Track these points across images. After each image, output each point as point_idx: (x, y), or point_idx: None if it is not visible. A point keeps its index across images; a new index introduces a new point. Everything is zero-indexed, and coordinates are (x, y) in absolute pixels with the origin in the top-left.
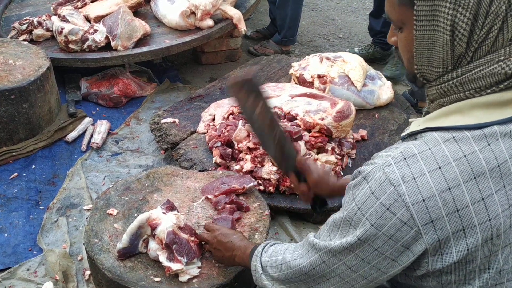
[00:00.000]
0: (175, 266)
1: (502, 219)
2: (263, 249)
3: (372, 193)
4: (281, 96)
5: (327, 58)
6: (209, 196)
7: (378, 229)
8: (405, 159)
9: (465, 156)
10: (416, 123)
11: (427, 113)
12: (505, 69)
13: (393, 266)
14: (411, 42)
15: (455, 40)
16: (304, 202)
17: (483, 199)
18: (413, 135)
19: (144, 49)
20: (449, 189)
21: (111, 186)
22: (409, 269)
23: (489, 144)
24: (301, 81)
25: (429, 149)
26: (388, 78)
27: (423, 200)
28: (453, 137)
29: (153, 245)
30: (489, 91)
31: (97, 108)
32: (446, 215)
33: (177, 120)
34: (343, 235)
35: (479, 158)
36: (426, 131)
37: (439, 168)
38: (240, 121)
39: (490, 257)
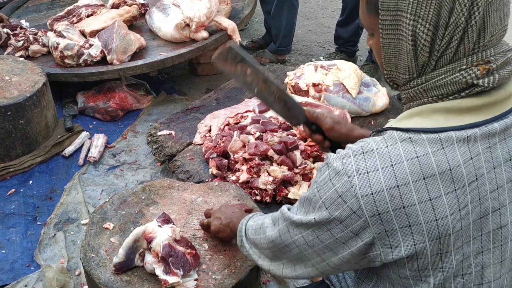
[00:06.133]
0: (171, 279)
1: (450, 220)
2: (252, 216)
3: (330, 179)
4: None
5: (322, 67)
6: None
7: (331, 213)
8: (363, 153)
9: (417, 157)
10: (389, 124)
11: None
12: (466, 77)
13: (343, 249)
14: (380, 48)
15: (417, 50)
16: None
17: (430, 199)
18: (380, 132)
19: (140, 62)
20: (398, 186)
21: (107, 200)
22: (367, 260)
23: (443, 148)
24: (297, 90)
25: (387, 146)
26: None
27: (372, 193)
28: (410, 137)
29: (149, 258)
30: (450, 98)
31: (94, 122)
32: (393, 210)
33: (173, 132)
34: (305, 213)
35: (430, 160)
36: (389, 130)
37: (392, 165)
38: (236, 131)
39: (442, 256)
